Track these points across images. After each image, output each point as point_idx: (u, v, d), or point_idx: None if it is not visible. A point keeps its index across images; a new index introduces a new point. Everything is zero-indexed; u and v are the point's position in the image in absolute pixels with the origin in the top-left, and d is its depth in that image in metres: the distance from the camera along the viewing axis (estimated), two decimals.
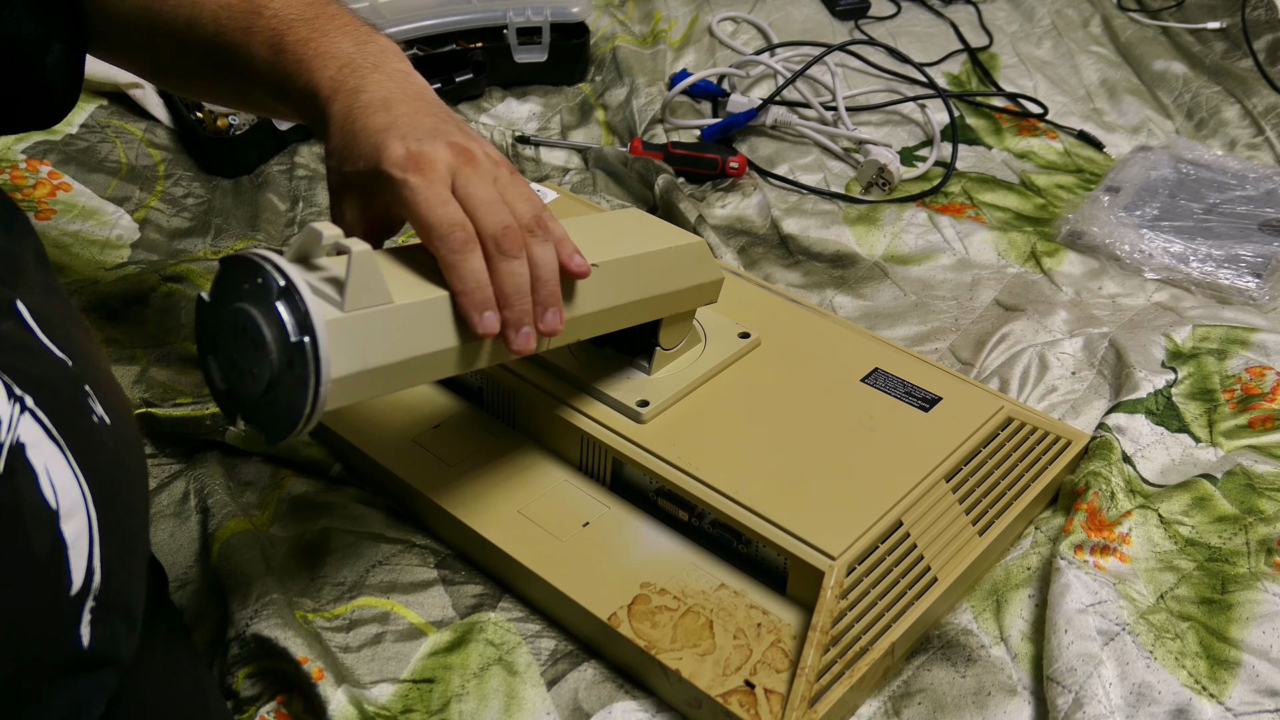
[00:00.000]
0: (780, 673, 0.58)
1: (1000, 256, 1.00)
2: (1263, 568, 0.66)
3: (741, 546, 0.64)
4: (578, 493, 0.68)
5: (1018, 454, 0.71)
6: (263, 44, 0.64)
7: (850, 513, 0.62)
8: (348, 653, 0.62)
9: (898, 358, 0.75)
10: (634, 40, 1.32)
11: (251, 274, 0.49)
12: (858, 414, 0.70)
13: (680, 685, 0.58)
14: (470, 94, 1.20)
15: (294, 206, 1.02)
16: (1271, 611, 0.64)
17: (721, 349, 0.73)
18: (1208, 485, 0.72)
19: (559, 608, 0.63)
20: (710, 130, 1.13)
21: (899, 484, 0.65)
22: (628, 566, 0.64)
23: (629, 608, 0.61)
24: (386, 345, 0.52)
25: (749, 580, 0.63)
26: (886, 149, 1.11)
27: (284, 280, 0.48)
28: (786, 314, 0.79)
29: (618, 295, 0.63)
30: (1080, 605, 0.62)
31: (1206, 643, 0.63)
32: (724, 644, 0.59)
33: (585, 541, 0.65)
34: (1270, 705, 0.59)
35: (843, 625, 0.59)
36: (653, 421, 0.68)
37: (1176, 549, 0.68)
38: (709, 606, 0.61)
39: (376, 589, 0.66)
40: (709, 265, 0.69)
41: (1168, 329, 0.86)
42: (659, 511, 0.67)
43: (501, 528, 0.65)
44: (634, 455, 0.66)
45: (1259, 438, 0.76)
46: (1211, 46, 1.35)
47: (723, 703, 0.57)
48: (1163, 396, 0.79)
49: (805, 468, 0.66)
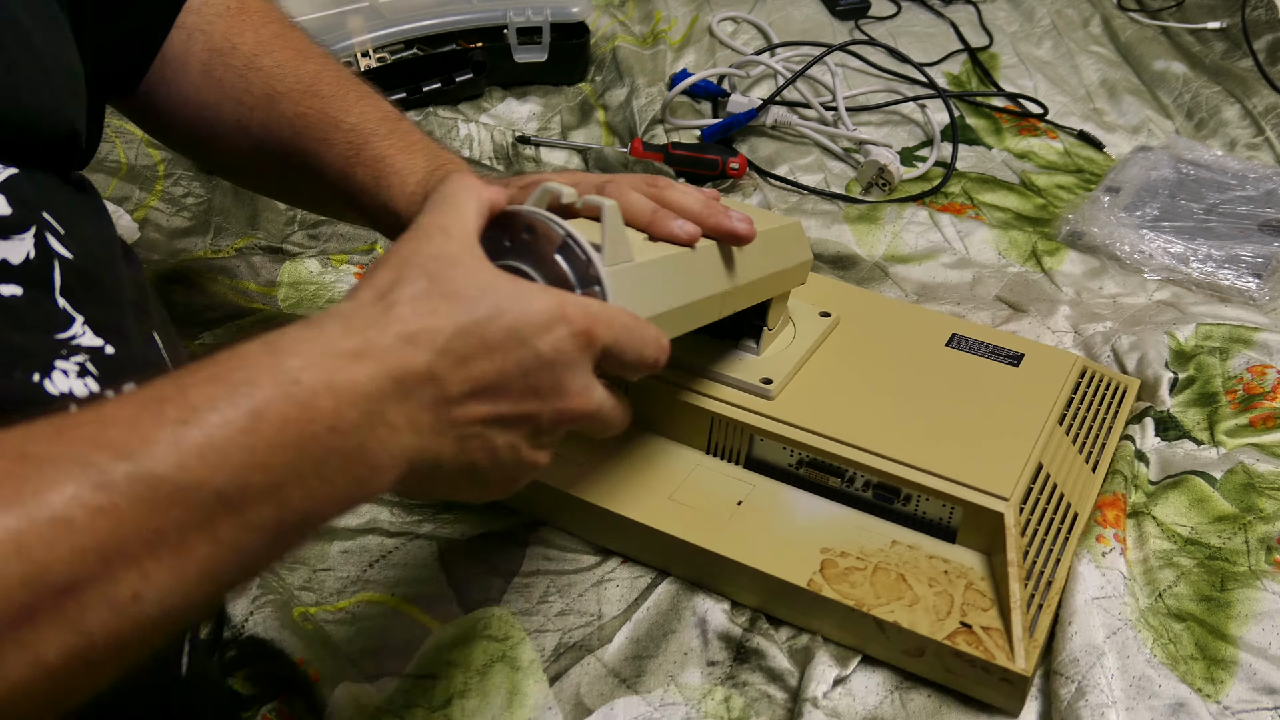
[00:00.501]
0: (986, 611, 0.61)
1: (1001, 256, 1.00)
2: (1263, 566, 0.66)
3: (900, 504, 0.66)
4: (716, 474, 0.70)
5: (1098, 398, 0.77)
6: (339, 156, 0.65)
7: (1001, 459, 0.66)
8: (350, 646, 0.62)
9: (965, 325, 0.79)
10: (634, 40, 1.32)
11: (517, 229, 0.49)
12: (957, 373, 0.74)
13: (900, 636, 0.60)
14: (470, 94, 1.20)
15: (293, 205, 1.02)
16: (1271, 609, 0.64)
17: (811, 327, 0.76)
18: (1205, 486, 0.72)
19: (745, 583, 0.65)
20: (710, 131, 1.13)
21: (1028, 430, 0.69)
22: (799, 535, 0.66)
23: (821, 572, 0.63)
24: (638, 300, 0.52)
25: (914, 533, 0.66)
26: (886, 149, 1.11)
27: (562, 231, 0.48)
28: (846, 294, 0.83)
29: (755, 270, 0.65)
30: (1087, 597, 0.63)
31: (1203, 643, 0.63)
32: (924, 593, 0.62)
33: (747, 518, 0.67)
34: (1268, 703, 0.60)
35: (1028, 560, 0.63)
36: (780, 396, 0.70)
37: (1176, 548, 0.68)
38: (893, 561, 0.64)
39: (380, 583, 0.66)
40: (806, 245, 0.73)
41: (1170, 327, 0.86)
42: (802, 481, 0.69)
43: (664, 516, 0.67)
44: (775, 430, 0.68)
45: (1260, 436, 0.76)
46: (1211, 46, 1.35)
47: (951, 644, 0.59)
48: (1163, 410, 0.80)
49: (937, 423, 0.69)
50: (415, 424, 0.41)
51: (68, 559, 0.31)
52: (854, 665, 0.62)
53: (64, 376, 0.50)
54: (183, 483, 0.34)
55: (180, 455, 0.34)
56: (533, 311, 0.44)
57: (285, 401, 0.37)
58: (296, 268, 0.92)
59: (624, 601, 0.66)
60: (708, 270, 0.61)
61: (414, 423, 0.41)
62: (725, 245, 0.61)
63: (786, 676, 0.62)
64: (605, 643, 0.63)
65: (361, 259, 0.94)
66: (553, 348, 0.44)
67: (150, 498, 0.33)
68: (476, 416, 0.43)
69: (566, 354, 0.45)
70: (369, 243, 0.96)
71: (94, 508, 0.32)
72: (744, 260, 0.64)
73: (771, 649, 0.63)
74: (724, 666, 0.62)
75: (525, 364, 0.44)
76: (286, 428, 0.37)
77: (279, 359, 0.38)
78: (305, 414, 0.37)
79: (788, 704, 0.61)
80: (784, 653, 0.63)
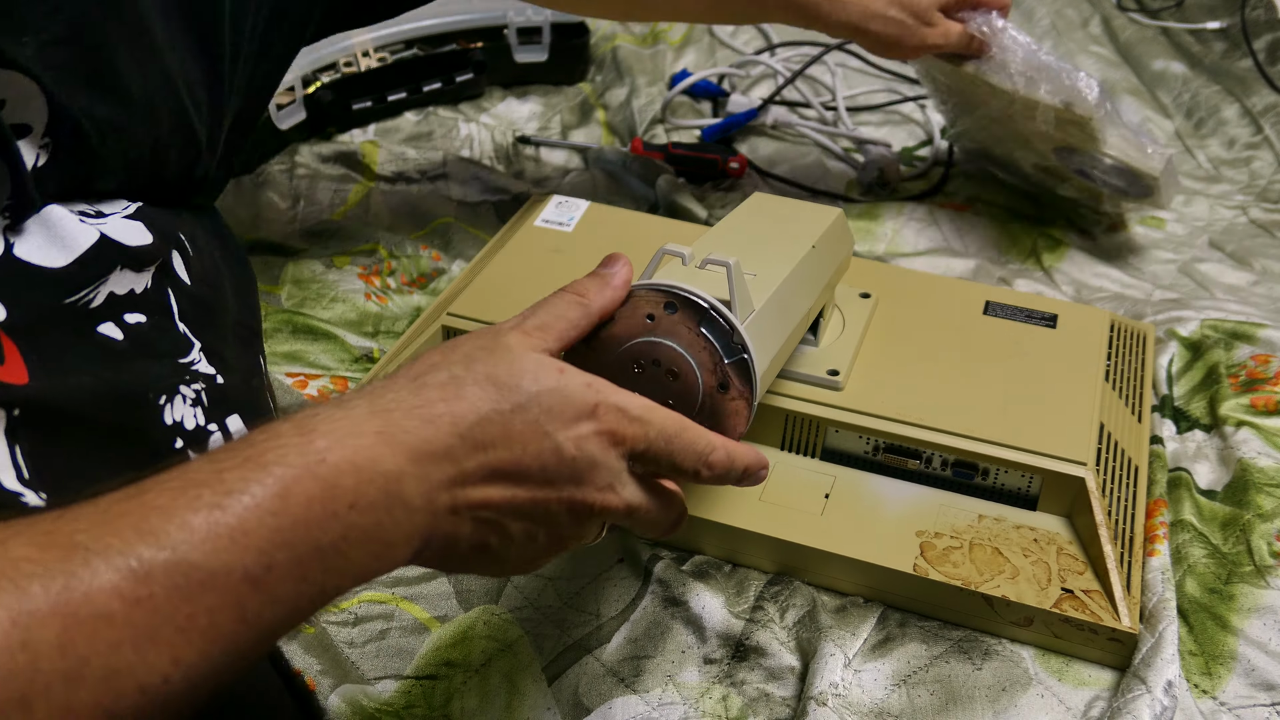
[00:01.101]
0: (1082, 574, 0.64)
1: (1001, 253, 1.00)
2: (1267, 561, 0.66)
3: (980, 479, 0.68)
4: (797, 470, 0.71)
5: (1128, 349, 0.79)
6: None
7: (1070, 423, 0.69)
8: (353, 648, 0.63)
9: (995, 291, 0.81)
10: (634, 40, 1.32)
11: (653, 304, 0.50)
12: (1002, 341, 0.76)
13: (1009, 609, 0.62)
14: (470, 94, 1.20)
15: (295, 205, 1.03)
16: (1272, 604, 0.64)
17: (857, 311, 0.77)
18: (1202, 492, 0.72)
19: (848, 574, 0.66)
20: (710, 130, 1.13)
21: (1085, 391, 0.72)
22: (892, 521, 0.67)
23: (923, 556, 0.65)
24: (764, 343, 0.53)
25: (997, 505, 0.68)
26: (886, 149, 1.11)
27: (705, 304, 0.49)
28: (875, 271, 0.84)
29: (825, 273, 0.67)
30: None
31: (1203, 639, 0.63)
32: (1021, 564, 0.64)
33: (839, 510, 0.68)
34: (1265, 699, 0.60)
35: (1111, 520, 0.65)
36: (848, 386, 0.71)
37: (1187, 538, 0.69)
38: (985, 536, 0.66)
39: (381, 584, 0.66)
40: (849, 232, 0.74)
41: (1173, 325, 0.86)
42: (880, 467, 0.70)
43: (763, 519, 0.67)
44: (851, 420, 0.69)
45: (1262, 419, 0.76)
46: (1211, 46, 1.35)
47: (1059, 612, 0.61)
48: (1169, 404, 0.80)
49: (1000, 394, 0.71)
50: (431, 504, 0.42)
51: (105, 653, 0.33)
52: (860, 659, 0.62)
53: (182, 403, 0.52)
54: (214, 568, 0.35)
55: (214, 541, 0.35)
56: (562, 405, 0.44)
57: (311, 480, 0.38)
58: (299, 267, 0.92)
59: (622, 601, 0.66)
60: (801, 290, 0.62)
61: (430, 502, 0.41)
62: (807, 259, 0.63)
63: (786, 674, 0.62)
64: (603, 642, 0.63)
65: (364, 259, 0.94)
66: (575, 444, 0.45)
67: (184, 585, 0.35)
68: (491, 501, 0.44)
69: (589, 451, 0.45)
70: (370, 243, 0.96)
71: (133, 599, 0.34)
72: (819, 268, 0.65)
73: (773, 645, 0.63)
74: (722, 665, 0.62)
75: (544, 456, 0.44)
76: (311, 506, 0.38)
77: (309, 439, 0.39)
78: (329, 492, 0.38)
79: (787, 702, 0.61)
80: (786, 648, 0.63)
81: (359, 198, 1.04)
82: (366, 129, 1.15)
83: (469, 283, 0.82)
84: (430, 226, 1.01)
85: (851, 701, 0.60)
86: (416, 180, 1.08)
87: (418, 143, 1.13)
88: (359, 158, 1.09)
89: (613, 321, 0.50)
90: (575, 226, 0.87)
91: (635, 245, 0.84)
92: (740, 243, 0.63)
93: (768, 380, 0.57)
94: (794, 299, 0.61)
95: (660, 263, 0.53)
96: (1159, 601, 0.62)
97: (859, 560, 0.65)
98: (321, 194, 1.04)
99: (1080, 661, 0.63)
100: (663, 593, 0.66)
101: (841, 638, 0.63)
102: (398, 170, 1.08)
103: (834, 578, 0.67)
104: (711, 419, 0.50)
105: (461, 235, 0.99)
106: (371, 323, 0.88)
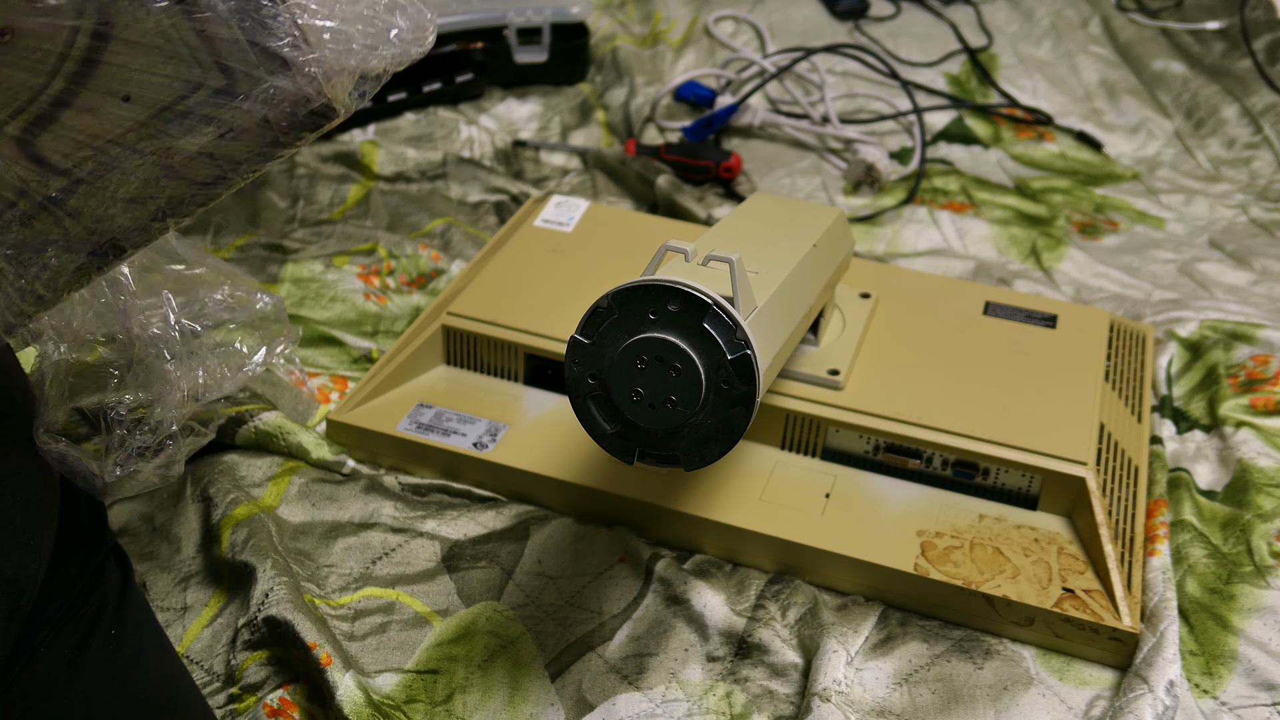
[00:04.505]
0: (1083, 574, 0.64)
1: (1001, 254, 1.00)
2: (1267, 561, 0.66)
3: (980, 478, 0.68)
4: (797, 469, 0.71)
5: (1128, 349, 0.79)
6: None
7: (1070, 423, 0.69)
8: (353, 641, 0.63)
9: (995, 292, 0.81)
10: (634, 41, 1.32)
11: (657, 300, 0.50)
12: (1002, 341, 0.76)
13: (1009, 608, 0.62)
14: (470, 94, 1.20)
15: (294, 204, 1.02)
16: (1272, 604, 0.64)
17: (858, 311, 0.77)
18: (1202, 493, 0.72)
19: (851, 574, 0.66)
20: (691, 128, 1.13)
21: (1085, 392, 0.71)
22: (892, 520, 0.67)
23: (924, 555, 0.65)
24: (766, 340, 0.53)
25: (997, 505, 0.68)
26: (875, 148, 1.11)
27: (709, 299, 0.49)
28: (873, 271, 0.84)
29: (826, 271, 0.67)
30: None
31: (1203, 639, 0.63)
32: (1022, 563, 0.64)
33: (839, 509, 0.68)
34: (1266, 699, 0.60)
35: (1112, 520, 0.65)
36: (849, 385, 0.71)
37: (1187, 538, 0.69)
38: (985, 535, 0.66)
39: (382, 580, 0.66)
40: (850, 233, 0.74)
41: (1172, 325, 0.86)
42: (881, 466, 0.70)
43: (763, 518, 0.67)
44: (852, 420, 0.69)
45: (1261, 419, 0.76)
46: (1210, 46, 1.35)
47: (1060, 612, 0.61)
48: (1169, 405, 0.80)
49: (1001, 394, 0.71)
50: None
51: None
52: (861, 658, 0.62)
53: None
54: None
55: None
56: None
57: None
58: (299, 266, 0.92)
59: (624, 600, 0.66)
60: (802, 289, 0.62)
61: None
62: (809, 258, 0.63)
63: (789, 671, 0.62)
64: (606, 640, 0.63)
65: (363, 259, 0.94)
66: None
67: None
68: None
69: None
70: (370, 242, 0.96)
71: None
72: (820, 267, 0.65)
73: (775, 642, 0.63)
74: (725, 662, 0.62)
75: None
76: None
77: None
78: None
79: (790, 699, 0.61)
80: (788, 646, 0.63)
81: (358, 197, 1.04)
82: (366, 129, 1.15)
83: (468, 283, 0.82)
84: (430, 226, 1.01)
85: (853, 700, 0.60)
86: (416, 180, 1.08)
87: (417, 143, 1.13)
88: (358, 157, 1.09)
89: (616, 315, 0.50)
90: (575, 226, 0.87)
91: (635, 245, 0.84)
92: (742, 241, 0.63)
93: (770, 377, 0.57)
94: (795, 297, 0.61)
95: (663, 259, 0.53)
96: (1160, 601, 0.62)
97: (859, 560, 0.65)
98: (321, 194, 1.04)
99: (1081, 661, 0.63)
100: (664, 591, 0.66)
101: (844, 635, 0.63)
102: (397, 170, 1.08)
103: (834, 577, 0.66)
104: (714, 415, 0.50)
105: (461, 235, 0.99)
106: (370, 322, 0.88)
